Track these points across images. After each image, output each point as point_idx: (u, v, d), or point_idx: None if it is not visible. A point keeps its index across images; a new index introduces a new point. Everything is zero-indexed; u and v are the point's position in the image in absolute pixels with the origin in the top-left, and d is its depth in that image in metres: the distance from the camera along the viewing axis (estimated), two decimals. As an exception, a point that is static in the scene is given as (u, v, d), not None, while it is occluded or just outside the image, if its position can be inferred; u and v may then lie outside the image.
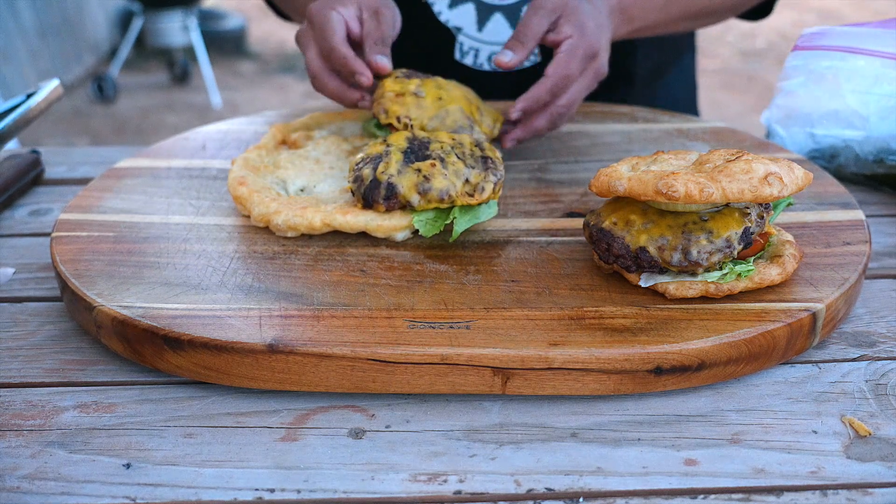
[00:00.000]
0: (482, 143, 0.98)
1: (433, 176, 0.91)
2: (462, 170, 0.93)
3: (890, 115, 1.15)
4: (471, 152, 0.96)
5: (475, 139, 0.99)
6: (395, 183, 0.91)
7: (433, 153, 0.94)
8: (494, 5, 1.36)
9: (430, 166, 0.92)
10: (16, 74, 5.13)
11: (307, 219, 0.93)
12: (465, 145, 0.97)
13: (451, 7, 1.37)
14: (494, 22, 1.37)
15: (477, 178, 0.93)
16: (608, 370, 0.74)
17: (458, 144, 0.96)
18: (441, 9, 1.38)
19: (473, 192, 0.92)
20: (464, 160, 0.94)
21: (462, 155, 0.95)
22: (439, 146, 0.95)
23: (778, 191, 0.78)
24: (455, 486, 0.68)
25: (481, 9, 1.36)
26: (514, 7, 1.36)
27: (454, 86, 1.09)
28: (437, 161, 0.93)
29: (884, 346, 0.83)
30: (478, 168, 0.94)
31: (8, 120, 1.17)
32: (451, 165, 0.93)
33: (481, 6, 1.36)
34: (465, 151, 0.96)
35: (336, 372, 0.75)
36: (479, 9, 1.36)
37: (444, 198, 0.91)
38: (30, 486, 0.68)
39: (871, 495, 0.66)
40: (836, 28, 1.24)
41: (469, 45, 1.40)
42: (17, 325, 0.89)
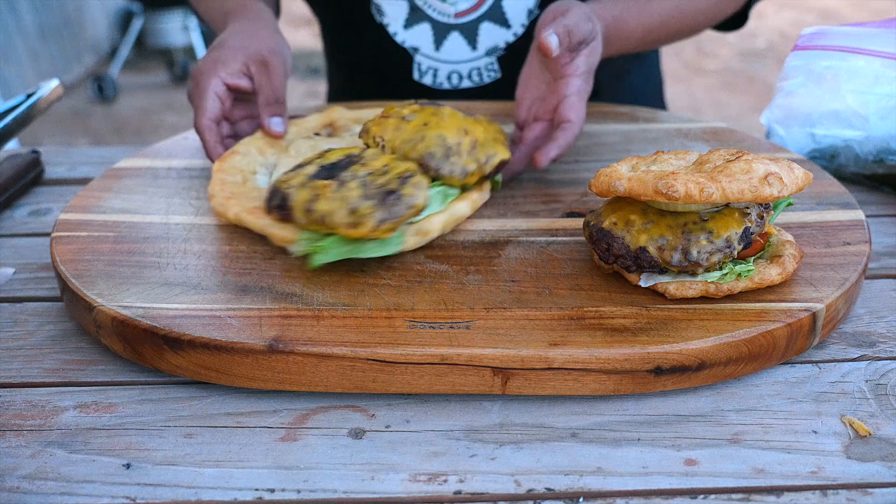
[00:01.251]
0: (409, 176, 0.88)
1: (322, 197, 0.86)
2: (352, 198, 0.85)
3: (890, 115, 1.15)
4: (384, 183, 0.87)
5: (407, 171, 0.90)
6: (289, 195, 0.88)
7: (342, 175, 0.89)
8: (451, 24, 1.35)
9: (325, 187, 0.87)
10: (16, 74, 5.13)
11: (226, 208, 0.95)
12: (389, 174, 0.88)
13: (406, 27, 1.36)
14: (451, 41, 1.36)
15: (364, 210, 0.84)
16: (608, 370, 0.74)
17: (382, 173, 0.89)
18: (396, 29, 1.37)
19: (356, 224, 0.85)
20: (365, 189, 0.86)
21: (368, 183, 0.87)
22: (358, 169, 0.89)
23: (778, 191, 0.78)
24: (455, 486, 0.68)
25: (438, 28, 1.36)
26: (472, 25, 1.35)
27: (472, 121, 0.98)
28: (334, 183, 0.87)
29: (884, 346, 0.83)
30: (373, 201, 0.85)
31: (8, 120, 1.17)
32: (346, 191, 0.86)
33: (437, 25, 1.35)
34: (378, 181, 0.87)
35: (336, 372, 0.75)
36: (435, 28, 1.36)
37: (324, 221, 0.85)
38: (30, 486, 0.68)
39: (871, 495, 0.66)
40: (836, 28, 1.24)
41: (427, 64, 1.39)
42: (17, 325, 0.89)
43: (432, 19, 1.35)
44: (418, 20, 1.36)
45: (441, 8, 1.34)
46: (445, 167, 0.93)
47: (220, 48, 1.11)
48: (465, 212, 0.95)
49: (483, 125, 0.99)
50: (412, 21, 1.36)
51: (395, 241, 0.88)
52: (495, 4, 1.34)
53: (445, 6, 1.33)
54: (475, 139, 0.96)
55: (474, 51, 1.38)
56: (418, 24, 1.36)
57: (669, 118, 1.29)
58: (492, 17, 1.35)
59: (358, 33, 1.43)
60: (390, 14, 1.36)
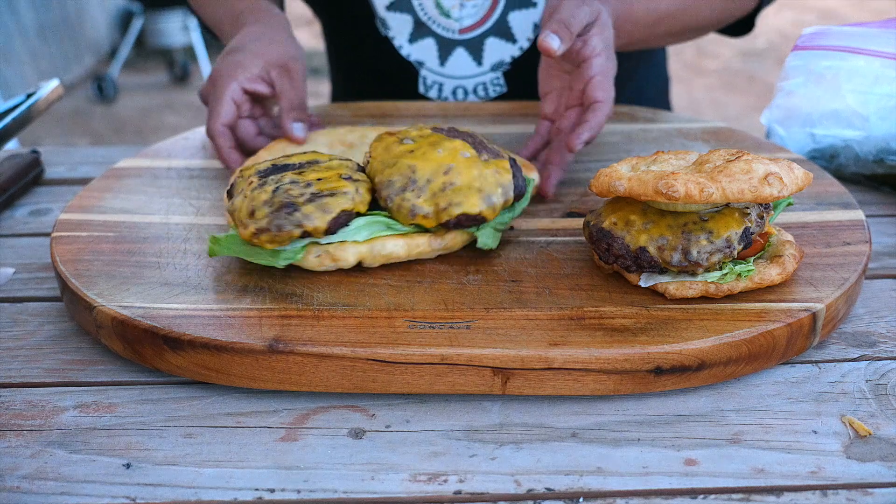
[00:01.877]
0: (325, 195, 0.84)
1: (242, 192, 0.87)
2: (257, 200, 0.85)
3: (890, 115, 1.15)
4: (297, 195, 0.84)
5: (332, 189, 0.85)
6: (235, 183, 0.91)
7: (275, 176, 0.88)
8: (456, 40, 1.35)
9: (249, 183, 0.88)
10: (16, 74, 5.13)
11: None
12: (312, 187, 0.85)
13: (411, 41, 1.36)
14: (456, 56, 1.36)
15: (259, 215, 0.84)
16: (608, 370, 0.74)
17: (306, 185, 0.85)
18: (402, 43, 1.37)
19: (246, 226, 0.84)
20: (275, 195, 0.85)
21: (284, 191, 0.85)
22: (294, 176, 0.87)
23: (778, 191, 0.78)
24: (455, 486, 0.68)
25: (442, 44, 1.35)
26: (477, 41, 1.35)
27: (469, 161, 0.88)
28: (256, 181, 0.88)
29: (884, 346, 0.83)
30: (271, 208, 0.83)
31: (8, 120, 1.17)
32: (258, 192, 0.86)
33: (442, 41, 1.35)
34: (292, 191, 0.85)
35: (336, 372, 0.75)
36: (440, 44, 1.35)
37: (232, 215, 0.87)
38: (30, 486, 0.68)
39: (871, 495, 0.66)
40: (836, 28, 1.24)
41: (432, 79, 1.39)
42: (17, 325, 0.89)
43: (437, 35, 1.34)
44: (423, 35, 1.35)
45: (445, 24, 1.33)
46: (395, 200, 0.86)
47: (239, 52, 1.10)
48: (396, 252, 0.87)
49: (483, 169, 0.88)
50: (417, 36, 1.35)
51: (286, 255, 0.84)
52: (501, 19, 1.33)
53: (450, 22, 1.33)
54: (451, 182, 0.86)
55: (479, 66, 1.37)
56: (423, 38, 1.35)
57: (669, 118, 1.29)
58: (497, 33, 1.34)
59: (363, 45, 1.42)
60: (395, 28, 1.36)
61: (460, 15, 1.32)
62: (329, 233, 0.84)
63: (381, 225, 0.87)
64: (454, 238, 0.89)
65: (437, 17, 1.32)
